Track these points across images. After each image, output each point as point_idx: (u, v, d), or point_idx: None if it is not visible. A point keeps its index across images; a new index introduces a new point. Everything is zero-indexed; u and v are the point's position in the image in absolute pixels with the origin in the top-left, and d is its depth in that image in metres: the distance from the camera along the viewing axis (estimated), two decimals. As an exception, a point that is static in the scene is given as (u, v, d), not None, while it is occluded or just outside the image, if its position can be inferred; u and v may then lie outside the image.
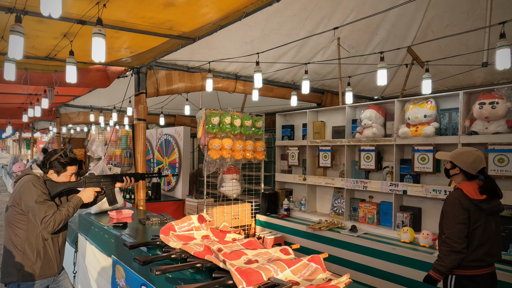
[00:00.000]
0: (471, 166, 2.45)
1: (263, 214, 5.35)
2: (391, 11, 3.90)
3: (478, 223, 2.36)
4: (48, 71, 4.35)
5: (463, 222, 2.35)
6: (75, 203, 2.47)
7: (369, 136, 4.29)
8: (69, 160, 2.52)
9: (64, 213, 2.39)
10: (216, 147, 4.73)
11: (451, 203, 2.43)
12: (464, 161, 2.46)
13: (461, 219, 2.35)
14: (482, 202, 2.37)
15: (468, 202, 2.37)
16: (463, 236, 2.34)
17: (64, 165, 2.50)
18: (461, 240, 2.33)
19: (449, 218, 2.41)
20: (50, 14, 2.08)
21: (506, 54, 2.83)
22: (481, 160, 2.46)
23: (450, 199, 2.46)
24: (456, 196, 2.42)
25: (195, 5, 2.71)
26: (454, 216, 2.38)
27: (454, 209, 2.39)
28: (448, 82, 5.27)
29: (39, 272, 2.40)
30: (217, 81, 4.79)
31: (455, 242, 2.33)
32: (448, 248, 2.36)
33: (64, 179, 2.53)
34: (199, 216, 2.50)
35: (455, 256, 2.34)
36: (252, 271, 1.68)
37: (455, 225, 2.35)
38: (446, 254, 2.37)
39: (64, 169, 2.50)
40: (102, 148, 4.68)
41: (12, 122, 10.41)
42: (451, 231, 2.37)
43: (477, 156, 2.46)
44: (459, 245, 2.33)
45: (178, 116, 9.53)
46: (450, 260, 2.35)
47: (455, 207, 2.38)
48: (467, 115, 3.54)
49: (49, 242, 2.46)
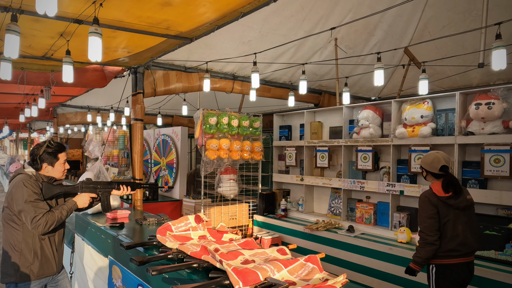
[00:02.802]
0: (431, 166, 2.74)
1: (261, 214, 5.35)
2: (388, 11, 3.92)
3: (447, 217, 2.61)
4: (45, 71, 4.34)
5: (432, 217, 2.61)
6: (70, 206, 2.43)
7: (366, 136, 4.30)
8: (57, 148, 2.47)
9: (56, 215, 2.35)
10: (213, 148, 4.73)
11: (422, 201, 2.72)
12: (425, 163, 2.79)
13: (431, 214, 2.62)
14: (449, 199, 2.63)
15: (436, 199, 2.64)
16: (434, 229, 2.59)
17: (54, 153, 2.45)
18: (432, 233, 2.59)
19: (421, 214, 2.70)
20: (45, 13, 2.07)
21: (502, 55, 2.85)
22: (439, 160, 2.72)
23: (421, 198, 2.74)
24: (426, 194, 2.71)
25: (192, 5, 2.70)
26: (424, 212, 2.66)
27: (424, 206, 2.68)
28: (445, 83, 5.29)
29: (37, 272, 2.38)
30: (215, 81, 4.79)
31: (428, 235, 2.60)
32: (422, 241, 2.63)
33: (60, 169, 2.48)
34: (196, 216, 2.50)
35: (428, 247, 2.59)
36: (248, 271, 1.67)
37: (426, 220, 2.63)
38: (421, 246, 2.64)
39: (56, 158, 2.45)
40: (99, 149, 4.67)
41: (9, 122, 10.37)
42: (423, 225, 2.65)
43: (435, 157, 2.74)
44: (431, 237, 2.58)
45: (175, 116, 9.52)
46: (424, 251, 2.61)
47: (425, 204, 2.68)
48: (464, 116, 3.55)
49: (46, 241, 2.43)
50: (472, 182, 3.56)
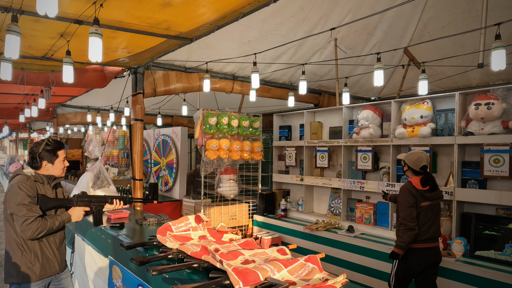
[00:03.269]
0: (414, 163, 3.06)
1: (261, 214, 5.36)
2: (388, 12, 3.92)
3: (423, 207, 2.97)
4: (45, 71, 4.34)
5: (412, 206, 2.95)
6: (63, 218, 2.38)
7: (366, 136, 4.30)
8: (56, 145, 2.44)
9: (49, 223, 2.28)
10: (213, 148, 4.73)
11: (403, 192, 3.03)
12: (409, 160, 3.09)
13: (411, 204, 2.95)
14: (426, 192, 2.98)
15: (416, 191, 2.98)
16: (414, 217, 2.93)
17: (54, 151, 2.42)
18: (412, 220, 2.92)
19: (402, 204, 3.01)
20: (46, 14, 2.07)
21: (501, 55, 2.85)
22: (422, 159, 3.04)
23: (402, 189, 3.05)
24: (407, 186, 3.03)
25: (192, 5, 2.71)
26: (406, 202, 2.98)
27: (405, 196, 2.99)
28: (444, 83, 5.29)
29: (39, 273, 2.37)
30: (215, 81, 4.79)
31: (409, 222, 2.92)
32: (404, 227, 2.94)
33: (60, 166, 2.46)
34: (196, 216, 2.50)
35: (410, 232, 2.92)
36: (249, 271, 1.68)
37: (407, 208, 2.96)
38: (404, 232, 2.94)
39: (55, 156, 2.43)
40: (99, 149, 4.67)
41: (9, 122, 10.37)
42: (405, 213, 2.96)
43: (419, 156, 3.05)
44: (412, 223, 2.92)
45: (175, 116, 9.52)
46: (407, 236, 2.92)
47: (406, 195, 2.99)
48: (463, 116, 3.56)
49: (45, 242, 2.41)
50: (472, 182, 3.56)
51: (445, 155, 3.88)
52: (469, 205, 3.62)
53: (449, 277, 3.19)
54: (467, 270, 3.09)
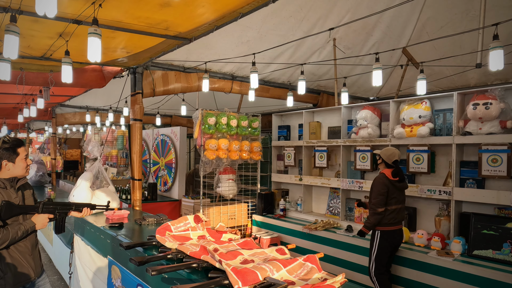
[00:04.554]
0: (388, 158, 3.53)
1: (259, 214, 5.36)
2: (386, 12, 3.93)
3: (393, 195, 3.46)
4: (44, 71, 4.33)
5: (383, 194, 3.43)
6: (27, 227, 2.22)
7: (364, 136, 4.31)
8: (15, 142, 2.29)
9: (11, 234, 2.13)
10: (212, 148, 4.74)
11: (377, 182, 3.49)
12: (384, 154, 3.56)
13: (382, 192, 3.43)
14: (396, 182, 3.48)
15: (388, 181, 3.46)
16: (382, 203, 3.43)
17: (13, 148, 2.26)
18: (381, 206, 3.42)
19: (374, 191, 3.48)
20: (45, 14, 2.07)
21: (499, 55, 2.86)
22: (395, 155, 3.52)
23: (376, 179, 3.52)
24: (381, 177, 3.50)
25: (191, 6, 2.71)
26: (378, 190, 3.45)
27: (379, 185, 3.46)
28: (443, 83, 5.31)
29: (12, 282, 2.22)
30: (214, 81, 4.80)
31: (378, 207, 3.42)
32: (373, 211, 3.46)
33: (22, 165, 2.30)
34: (195, 216, 2.51)
35: (378, 216, 3.44)
36: (248, 271, 1.68)
37: (378, 196, 3.43)
38: (371, 215, 3.48)
39: (15, 153, 2.27)
40: (98, 149, 4.67)
41: (7, 122, 10.33)
42: (376, 200, 3.44)
43: (393, 152, 3.53)
44: (380, 209, 3.42)
45: (174, 116, 9.51)
46: (374, 219, 3.46)
47: (380, 184, 3.46)
48: (461, 116, 3.57)
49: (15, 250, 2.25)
50: (470, 181, 3.57)
51: (443, 154, 3.89)
52: (467, 204, 3.63)
53: (447, 277, 3.20)
54: (465, 269, 3.10)
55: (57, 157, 9.78)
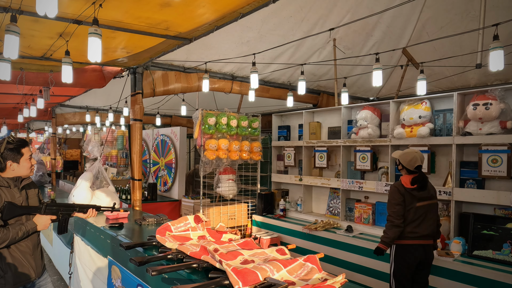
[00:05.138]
0: (409, 163, 3.09)
1: (259, 214, 5.36)
2: (386, 12, 3.93)
3: (410, 205, 3.04)
4: (44, 71, 4.33)
5: (399, 203, 3.04)
6: (28, 228, 2.23)
7: (364, 136, 4.31)
8: (19, 142, 2.29)
9: (12, 234, 2.13)
10: (212, 148, 4.74)
11: (392, 190, 3.13)
12: (404, 160, 3.12)
13: (398, 202, 3.04)
14: (413, 190, 3.04)
15: (404, 189, 3.06)
16: (400, 214, 3.02)
17: (17, 149, 2.27)
18: (399, 217, 3.02)
19: (390, 201, 3.11)
20: (46, 14, 2.07)
21: (499, 56, 2.86)
22: (417, 160, 3.08)
23: (391, 188, 3.15)
24: (396, 185, 3.13)
25: (192, 6, 2.71)
26: (393, 199, 3.08)
27: (394, 194, 3.09)
28: (443, 83, 5.31)
29: (13, 281, 2.23)
30: (214, 81, 4.80)
31: (395, 219, 3.02)
32: (390, 224, 3.05)
33: (26, 165, 2.31)
34: (195, 216, 2.51)
35: (395, 229, 3.02)
36: (248, 271, 1.68)
37: (395, 206, 3.05)
38: (389, 228, 3.05)
39: (20, 154, 2.28)
40: (98, 149, 4.66)
41: (7, 122, 10.32)
42: (391, 210, 3.07)
43: (414, 156, 3.09)
44: (398, 220, 3.01)
45: (174, 116, 9.51)
46: (392, 232, 3.03)
47: (394, 193, 3.09)
48: (461, 116, 3.57)
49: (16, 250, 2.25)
50: (470, 182, 3.57)
51: (443, 155, 3.89)
52: (467, 205, 3.63)
53: (447, 277, 3.20)
54: (465, 269, 3.10)
55: (57, 157, 9.78)
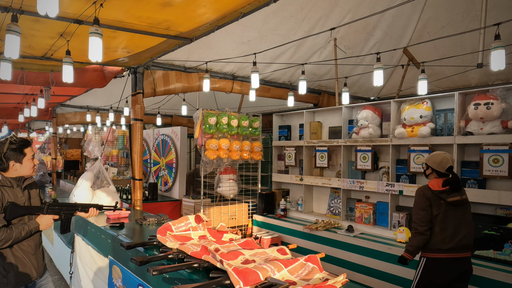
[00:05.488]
0: (439, 165, 2.85)
1: (260, 214, 5.36)
2: (387, 12, 3.93)
3: (439, 210, 2.76)
4: (45, 71, 4.34)
5: (425, 209, 2.78)
6: (31, 228, 2.24)
7: (365, 136, 4.31)
8: (22, 142, 2.29)
9: (15, 234, 2.15)
10: (213, 147, 4.73)
11: (417, 195, 2.90)
12: (433, 161, 2.89)
13: (423, 207, 2.79)
14: (442, 193, 2.76)
15: (430, 193, 2.80)
16: (425, 221, 2.76)
17: (20, 149, 2.27)
18: (423, 224, 2.76)
19: (415, 206, 2.87)
20: (47, 13, 2.07)
21: (501, 55, 2.85)
22: (448, 160, 2.85)
23: (417, 192, 2.92)
24: (421, 189, 2.89)
25: (192, 5, 2.71)
26: (418, 204, 2.83)
27: (418, 199, 2.85)
28: (444, 83, 5.30)
29: (15, 280, 2.24)
30: (214, 81, 4.80)
31: (419, 225, 2.77)
32: (414, 231, 2.81)
33: (29, 165, 2.31)
34: (196, 216, 2.51)
35: (419, 236, 2.77)
36: (249, 271, 1.68)
37: (419, 211, 2.80)
38: (413, 236, 2.82)
39: (22, 154, 2.28)
40: (99, 148, 4.67)
41: (8, 122, 10.34)
42: (416, 216, 2.82)
43: (444, 157, 2.86)
44: (422, 227, 2.76)
45: (175, 116, 9.52)
46: (416, 240, 2.78)
47: (419, 197, 2.85)
48: (463, 116, 3.56)
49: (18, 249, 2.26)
50: (471, 182, 3.57)
51: (444, 155, 3.88)
52: (469, 204, 3.63)
53: (448, 277, 3.19)
54: (467, 269, 3.08)
55: (58, 157, 9.79)
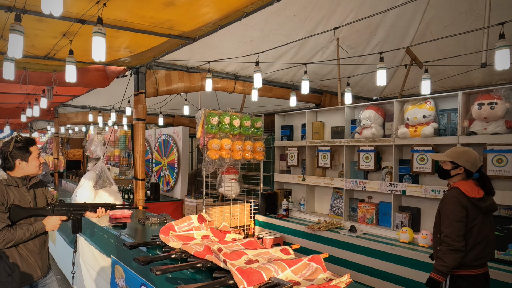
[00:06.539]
0: (473, 164, 2.45)
1: (262, 214, 5.35)
2: (390, 11, 3.91)
3: (475, 221, 2.35)
4: (47, 71, 4.34)
5: (461, 220, 2.33)
6: (36, 229, 2.23)
7: (368, 136, 4.30)
8: (27, 141, 2.31)
9: (18, 234, 2.14)
10: (215, 147, 4.73)
11: (449, 202, 2.39)
12: (467, 160, 2.45)
13: (460, 217, 2.33)
14: (479, 201, 2.37)
15: (466, 200, 2.36)
16: (461, 234, 2.32)
17: (25, 148, 2.27)
18: (459, 238, 2.31)
19: (448, 216, 2.37)
20: (51, 13, 2.07)
21: (505, 55, 2.84)
22: (481, 159, 2.52)
23: (448, 198, 2.42)
24: (455, 194, 2.39)
25: (195, 5, 2.71)
26: (452, 214, 2.35)
27: (453, 207, 2.36)
28: (447, 83, 5.29)
29: (19, 279, 2.25)
30: (216, 81, 4.79)
31: (454, 241, 2.30)
32: (447, 247, 2.32)
33: (35, 163, 2.31)
34: (199, 216, 2.50)
35: (455, 254, 2.30)
36: (253, 271, 1.68)
37: (454, 223, 2.33)
38: (447, 253, 2.32)
39: (28, 152, 2.28)
40: (101, 148, 4.67)
41: (10, 122, 10.36)
42: (450, 229, 2.34)
43: (476, 155, 2.49)
44: (458, 243, 2.30)
45: (177, 116, 9.52)
46: (451, 259, 2.30)
47: (454, 205, 2.36)
48: (466, 116, 3.55)
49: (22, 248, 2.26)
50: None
51: (447, 155, 3.87)
52: (472, 205, 3.61)
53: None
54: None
55: (60, 157, 9.80)
